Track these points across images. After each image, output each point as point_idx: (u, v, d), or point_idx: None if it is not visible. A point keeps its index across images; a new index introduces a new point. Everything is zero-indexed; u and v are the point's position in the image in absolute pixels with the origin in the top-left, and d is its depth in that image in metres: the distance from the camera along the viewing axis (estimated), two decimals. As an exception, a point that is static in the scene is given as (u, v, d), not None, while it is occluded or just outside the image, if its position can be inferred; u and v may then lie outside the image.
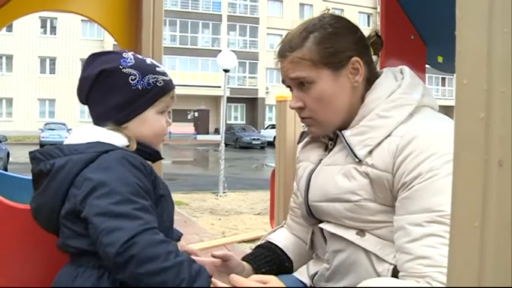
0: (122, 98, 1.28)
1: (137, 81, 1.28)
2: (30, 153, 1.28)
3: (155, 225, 1.09)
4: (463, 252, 0.53)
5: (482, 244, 0.51)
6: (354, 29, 1.29)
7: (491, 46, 0.50)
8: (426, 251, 1.04)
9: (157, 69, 1.33)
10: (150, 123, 1.31)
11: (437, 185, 1.06)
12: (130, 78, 1.28)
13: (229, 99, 32.80)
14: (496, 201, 0.50)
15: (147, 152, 1.31)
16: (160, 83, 1.31)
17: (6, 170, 12.37)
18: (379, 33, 1.37)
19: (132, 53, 1.35)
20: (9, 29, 33.46)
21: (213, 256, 1.40)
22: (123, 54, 1.32)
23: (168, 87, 1.34)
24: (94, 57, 1.36)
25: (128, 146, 1.27)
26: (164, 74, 1.34)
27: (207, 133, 38.22)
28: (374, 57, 1.34)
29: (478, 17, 0.51)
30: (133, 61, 1.31)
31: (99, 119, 1.31)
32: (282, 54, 1.28)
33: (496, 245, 0.49)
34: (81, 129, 1.32)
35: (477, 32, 0.51)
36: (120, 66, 1.29)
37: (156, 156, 1.37)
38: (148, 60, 1.35)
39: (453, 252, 0.55)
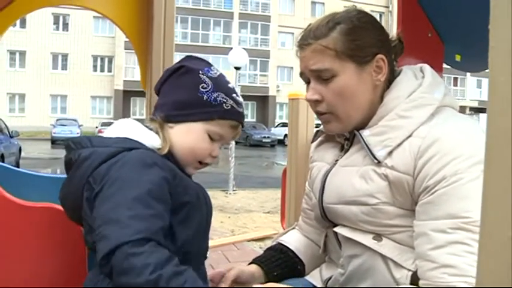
0: (184, 97, 1.24)
1: (206, 91, 1.23)
2: (65, 141, 1.26)
3: (145, 234, 0.97)
4: (493, 264, 0.49)
5: (516, 256, 0.47)
6: (380, 27, 1.25)
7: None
8: (451, 260, 0.99)
9: (233, 94, 1.27)
10: (193, 137, 1.24)
11: (462, 190, 1.02)
12: (201, 85, 1.24)
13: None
14: (533, 210, 0.46)
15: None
16: (228, 106, 1.25)
17: (18, 165, 12.51)
18: (402, 39, 1.32)
19: (223, 73, 1.31)
20: (23, 25, 33.77)
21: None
22: (212, 67, 1.30)
23: (232, 114, 1.26)
24: (188, 57, 1.34)
25: (159, 149, 1.20)
26: (238, 103, 1.28)
27: (218, 130, 38.27)
28: None
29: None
30: (216, 76, 1.27)
31: (155, 109, 1.29)
32: (304, 42, 1.22)
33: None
34: (119, 122, 1.29)
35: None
36: (200, 71, 1.26)
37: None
38: (231, 85, 1.30)
39: (482, 264, 0.51)
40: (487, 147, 0.51)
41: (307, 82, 1.26)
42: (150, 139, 1.21)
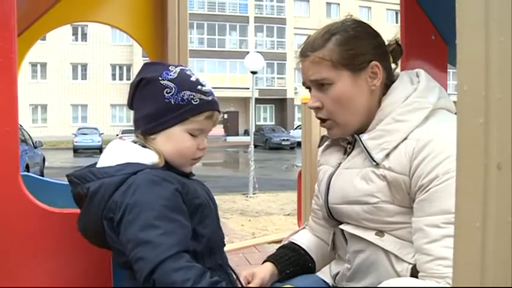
0: (153, 108, 1.27)
1: (171, 95, 1.26)
2: (67, 176, 1.30)
3: (178, 248, 1.09)
4: (466, 250, 0.56)
5: (483, 243, 0.53)
6: (375, 34, 1.32)
7: (488, 54, 0.53)
8: (445, 252, 1.06)
9: (198, 87, 1.29)
10: (175, 140, 1.27)
11: (453, 187, 1.07)
12: (165, 90, 1.26)
13: (258, 101, 32.85)
14: (496, 203, 0.52)
15: (175, 171, 1.28)
16: (196, 101, 1.27)
17: (42, 174, 12.69)
18: (399, 42, 1.39)
19: (183, 68, 1.33)
20: (43, 37, 34.08)
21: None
22: (170, 67, 1.31)
23: (203, 107, 1.28)
24: (145, 65, 1.37)
25: (157, 163, 1.26)
26: (205, 93, 1.29)
27: (237, 134, 38.34)
28: (393, 65, 1.36)
29: (476, 26, 0.54)
30: (176, 75, 1.28)
31: (134, 126, 1.33)
32: (303, 54, 1.31)
33: (496, 243, 0.52)
34: (112, 147, 1.32)
35: (475, 40, 0.54)
36: (160, 77, 1.27)
37: (185, 176, 1.32)
38: (194, 78, 1.30)
39: (457, 251, 0.57)
40: (457, 148, 0.57)
41: (309, 88, 1.34)
42: (148, 157, 1.26)
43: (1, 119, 1.36)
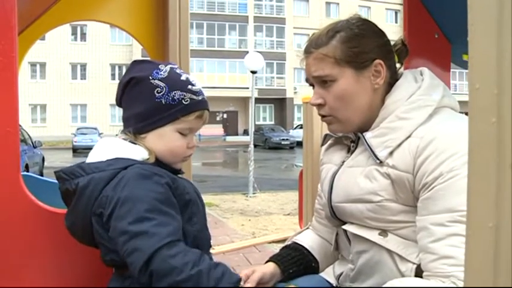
0: (144, 108, 1.27)
1: (162, 95, 1.26)
2: (55, 173, 1.30)
3: (172, 237, 1.09)
4: (478, 251, 0.55)
5: (496, 243, 0.52)
6: (380, 33, 1.32)
7: (500, 51, 0.52)
8: (450, 251, 1.05)
9: (189, 86, 1.29)
10: (166, 140, 1.28)
11: (458, 185, 1.07)
12: (156, 90, 1.26)
13: (258, 100, 32.82)
14: (509, 202, 0.51)
15: (166, 168, 1.29)
16: (187, 101, 1.27)
17: (41, 174, 12.68)
18: (405, 42, 1.38)
19: (172, 66, 1.33)
20: (42, 37, 34.04)
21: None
22: (159, 66, 1.30)
23: (193, 107, 1.29)
24: (134, 64, 1.36)
25: (148, 159, 1.27)
26: (196, 93, 1.30)
27: (236, 134, 38.34)
28: (397, 65, 1.35)
29: (489, 23, 0.53)
30: (166, 74, 1.28)
31: (124, 124, 1.33)
32: (307, 51, 1.31)
33: (510, 243, 0.51)
34: (102, 144, 1.33)
35: (488, 37, 0.53)
36: (150, 77, 1.27)
37: (175, 172, 1.33)
38: (184, 77, 1.31)
39: (469, 251, 0.56)
40: (469, 147, 0.56)
41: (312, 85, 1.34)
42: (138, 152, 1.27)
43: (2, 119, 1.36)
